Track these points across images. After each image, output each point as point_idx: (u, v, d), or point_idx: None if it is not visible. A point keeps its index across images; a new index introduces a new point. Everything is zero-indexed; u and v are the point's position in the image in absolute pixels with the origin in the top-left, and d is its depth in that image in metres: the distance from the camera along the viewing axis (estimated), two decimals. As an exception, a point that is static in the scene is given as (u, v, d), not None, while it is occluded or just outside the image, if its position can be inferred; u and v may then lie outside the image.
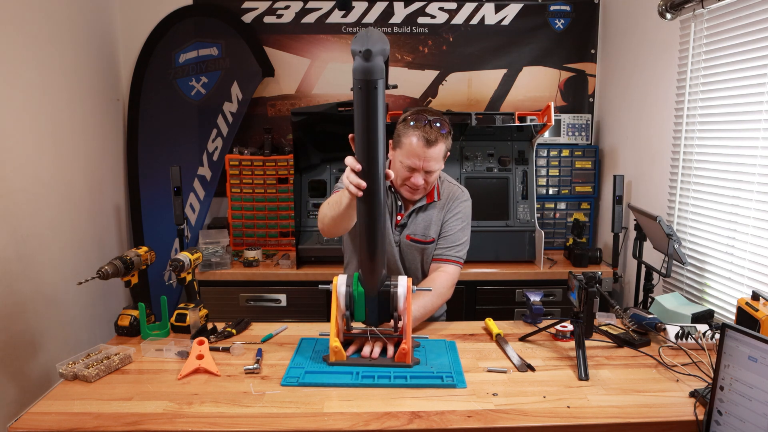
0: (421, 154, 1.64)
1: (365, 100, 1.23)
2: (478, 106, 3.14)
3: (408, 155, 1.66)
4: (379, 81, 1.22)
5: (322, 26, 3.04)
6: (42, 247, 2.19)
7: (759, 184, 1.80)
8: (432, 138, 1.63)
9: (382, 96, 1.25)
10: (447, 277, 1.74)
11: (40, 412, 1.23)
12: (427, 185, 1.74)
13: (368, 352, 1.47)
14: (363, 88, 1.22)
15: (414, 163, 1.66)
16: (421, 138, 1.63)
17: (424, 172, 1.68)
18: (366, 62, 1.19)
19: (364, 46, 1.18)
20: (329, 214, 1.56)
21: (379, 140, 1.28)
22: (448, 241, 1.79)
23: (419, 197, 1.79)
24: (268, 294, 2.63)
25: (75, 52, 2.50)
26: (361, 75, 1.21)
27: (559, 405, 1.26)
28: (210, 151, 2.98)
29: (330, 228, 1.61)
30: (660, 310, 1.85)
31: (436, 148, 1.65)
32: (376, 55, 1.19)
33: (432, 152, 1.64)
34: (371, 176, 1.31)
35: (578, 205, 2.98)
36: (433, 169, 1.68)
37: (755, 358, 1.07)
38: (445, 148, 1.70)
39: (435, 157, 1.66)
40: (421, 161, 1.65)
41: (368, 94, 1.22)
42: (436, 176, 1.74)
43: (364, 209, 1.35)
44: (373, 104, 1.23)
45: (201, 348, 1.44)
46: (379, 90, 1.23)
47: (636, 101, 2.65)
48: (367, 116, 1.25)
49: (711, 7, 2.00)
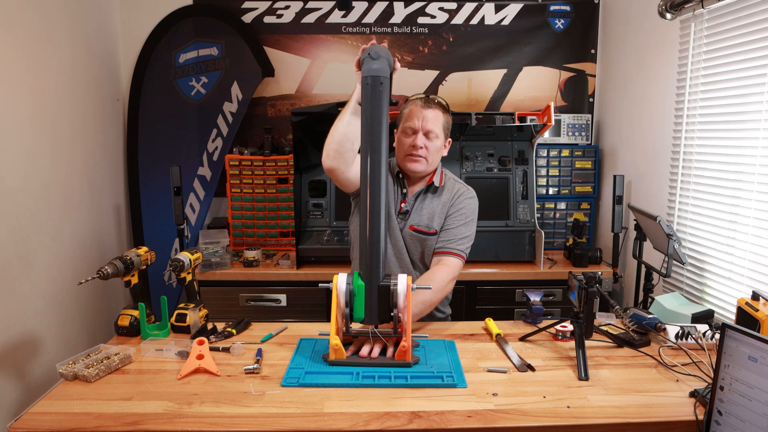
0: (419, 114, 1.75)
1: (372, 95, 1.39)
2: (478, 106, 3.14)
3: (408, 119, 1.77)
4: (384, 78, 1.39)
5: (322, 26, 3.04)
6: (42, 247, 2.19)
7: (759, 184, 1.80)
8: (429, 102, 1.77)
9: (387, 94, 1.40)
10: (448, 270, 1.74)
11: (40, 412, 1.23)
12: (428, 153, 1.77)
13: (367, 352, 1.47)
14: (371, 83, 1.38)
15: (413, 123, 1.75)
16: (418, 100, 1.78)
17: (424, 136, 1.75)
18: (374, 61, 1.39)
19: (373, 50, 1.42)
20: (340, 120, 1.61)
21: (382, 131, 1.40)
22: (450, 234, 1.80)
23: (422, 169, 1.80)
24: (268, 294, 2.63)
25: (75, 52, 2.50)
26: (368, 72, 1.39)
27: (559, 405, 1.26)
28: (210, 151, 2.98)
29: (337, 147, 1.61)
30: (660, 310, 1.85)
31: (433, 110, 1.76)
32: (383, 59, 1.40)
33: (429, 113, 1.75)
34: (374, 165, 1.40)
35: (578, 205, 2.98)
36: (431, 129, 1.75)
37: (755, 358, 1.07)
38: (443, 119, 1.79)
39: (432, 118, 1.76)
40: (420, 121, 1.75)
41: (374, 89, 1.38)
42: (436, 145, 1.78)
43: (367, 196, 1.41)
44: (379, 99, 1.38)
45: (201, 348, 1.44)
46: (384, 87, 1.38)
47: (636, 101, 2.65)
48: (373, 110, 1.39)
49: (711, 7, 2.00)
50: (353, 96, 1.58)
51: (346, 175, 1.67)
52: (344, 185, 1.73)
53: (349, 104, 1.59)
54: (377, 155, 1.40)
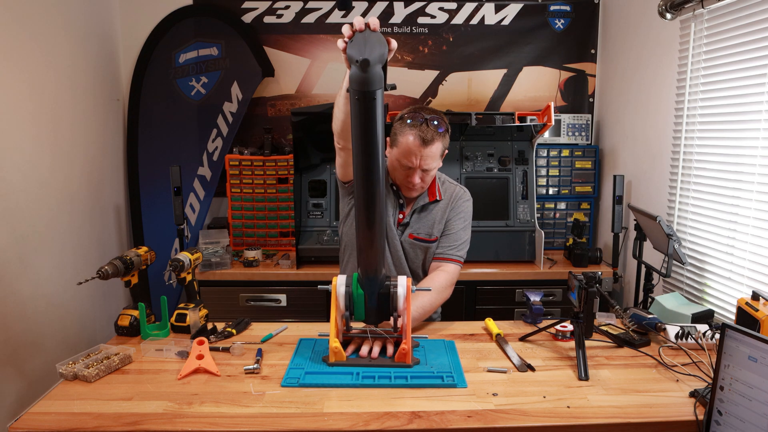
0: (417, 153, 1.64)
1: (363, 111, 1.17)
2: (478, 106, 3.14)
3: (404, 154, 1.66)
4: (377, 91, 1.15)
5: (322, 26, 3.04)
6: (42, 247, 2.19)
7: (759, 184, 1.80)
8: (428, 137, 1.62)
9: (381, 105, 1.19)
10: (447, 276, 1.74)
11: (40, 412, 1.23)
12: (424, 183, 1.74)
13: (367, 351, 1.47)
14: (360, 99, 1.15)
15: (411, 161, 1.65)
16: (417, 137, 1.62)
17: (421, 170, 1.68)
18: (363, 73, 1.11)
19: (362, 55, 1.09)
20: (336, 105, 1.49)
21: (378, 150, 1.24)
22: (450, 240, 1.79)
23: (417, 195, 1.80)
24: (268, 294, 2.63)
25: (75, 52, 2.50)
26: (358, 86, 1.14)
27: (559, 405, 1.25)
28: (210, 151, 2.98)
29: (341, 132, 1.53)
30: (660, 310, 1.85)
31: (432, 147, 1.64)
32: (375, 65, 1.11)
33: (428, 151, 1.64)
34: (370, 187, 1.27)
35: (578, 205, 2.98)
36: (429, 167, 1.68)
37: (755, 358, 1.07)
38: (442, 147, 1.69)
39: (431, 155, 1.66)
40: (418, 160, 1.65)
41: (366, 105, 1.16)
42: (432, 174, 1.74)
43: (364, 218, 1.33)
44: (372, 115, 1.17)
45: (201, 348, 1.44)
46: (378, 100, 1.16)
47: (636, 101, 2.65)
48: (366, 127, 1.19)
49: (711, 7, 2.00)
50: (344, 84, 1.39)
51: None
52: (348, 171, 1.66)
53: (342, 90, 1.42)
54: (374, 177, 1.27)
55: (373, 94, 1.14)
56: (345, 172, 1.72)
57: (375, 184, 1.28)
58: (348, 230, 1.85)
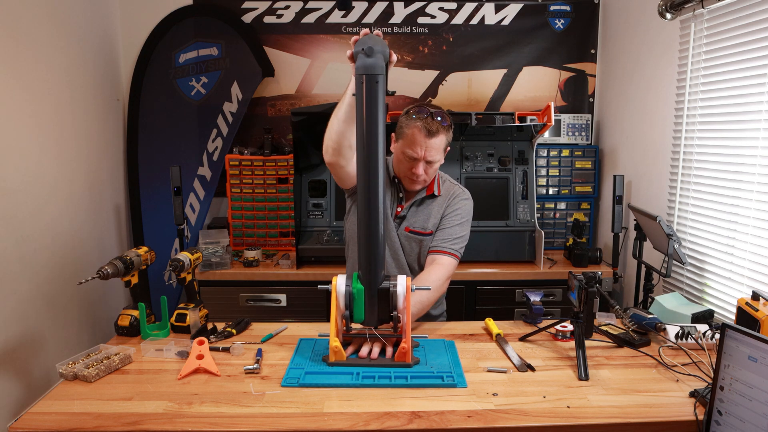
0: (422, 143, 1.69)
1: (367, 93, 1.32)
2: (478, 106, 3.14)
3: (410, 145, 1.71)
4: (379, 76, 1.32)
5: (322, 26, 3.04)
6: (42, 247, 2.19)
7: (759, 184, 1.80)
8: (433, 129, 1.68)
9: (383, 91, 1.34)
10: (443, 270, 1.74)
11: (40, 412, 1.23)
12: (427, 176, 1.77)
13: (366, 352, 1.47)
14: (365, 82, 1.31)
15: (416, 152, 1.70)
16: (422, 128, 1.68)
17: (425, 162, 1.72)
18: (368, 58, 1.30)
19: (366, 44, 1.31)
20: (335, 116, 1.57)
21: (378, 132, 1.35)
22: (445, 234, 1.81)
23: (420, 188, 1.83)
24: (268, 294, 2.63)
25: (75, 52, 2.50)
26: (362, 70, 1.31)
27: (559, 405, 1.26)
28: (210, 151, 2.98)
29: (335, 145, 1.59)
30: (660, 310, 1.85)
31: (437, 138, 1.70)
32: (377, 53, 1.31)
33: (433, 142, 1.69)
34: (371, 166, 1.36)
35: (578, 205, 2.98)
36: (434, 159, 1.72)
37: (755, 358, 1.07)
38: (446, 141, 1.75)
39: (436, 147, 1.71)
40: (423, 151, 1.70)
41: (369, 88, 1.32)
42: (436, 167, 1.78)
43: (364, 198, 1.38)
44: (374, 98, 1.32)
45: (201, 348, 1.44)
46: (380, 85, 1.32)
47: (636, 101, 2.65)
48: (368, 109, 1.33)
49: (711, 7, 2.00)
50: (348, 90, 1.51)
51: (346, 170, 1.67)
52: (344, 180, 1.73)
53: (344, 99, 1.53)
54: (374, 155, 1.36)
55: (376, 78, 1.32)
56: (342, 183, 1.77)
57: (375, 165, 1.36)
58: (350, 226, 1.88)
